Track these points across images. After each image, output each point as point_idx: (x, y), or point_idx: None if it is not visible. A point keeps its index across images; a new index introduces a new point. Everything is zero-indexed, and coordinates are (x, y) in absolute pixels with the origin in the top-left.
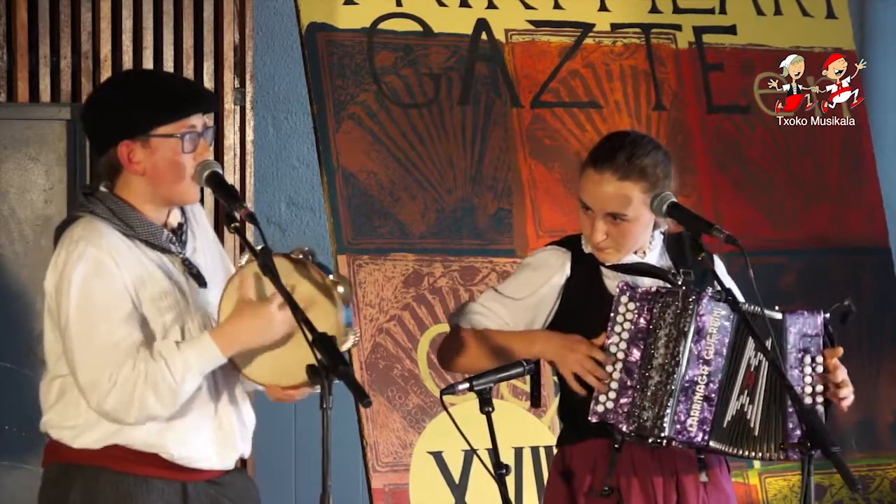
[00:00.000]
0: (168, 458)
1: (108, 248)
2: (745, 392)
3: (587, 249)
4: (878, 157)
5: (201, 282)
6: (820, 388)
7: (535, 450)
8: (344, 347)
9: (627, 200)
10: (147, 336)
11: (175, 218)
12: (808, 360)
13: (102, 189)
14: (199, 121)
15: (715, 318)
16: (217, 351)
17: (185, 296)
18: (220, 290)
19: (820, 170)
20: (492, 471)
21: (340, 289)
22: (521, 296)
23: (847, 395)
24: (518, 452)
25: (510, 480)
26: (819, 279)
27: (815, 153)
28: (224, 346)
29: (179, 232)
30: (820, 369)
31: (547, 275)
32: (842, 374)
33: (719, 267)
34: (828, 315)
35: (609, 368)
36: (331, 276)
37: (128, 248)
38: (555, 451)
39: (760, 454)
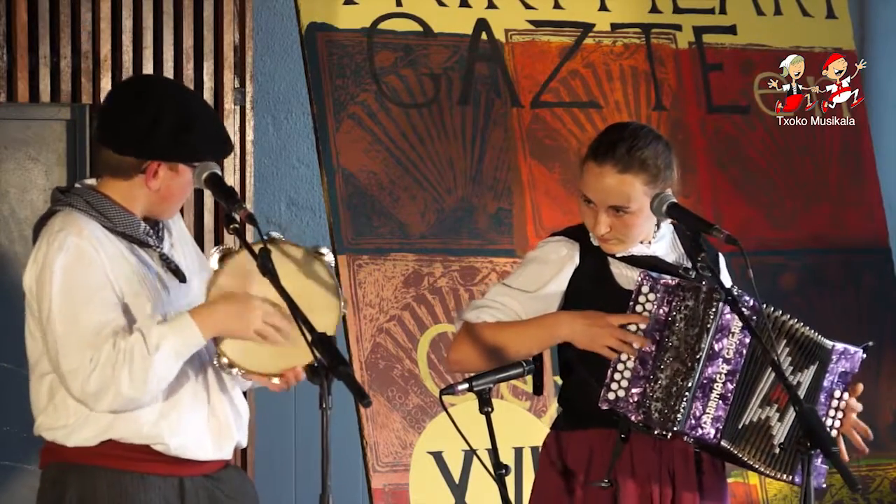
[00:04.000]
0: (164, 450)
1: (88, 237)
2: (774, 405)
3: (595, 241)
4: (878, 157)
5: (181, 277)
6: (838, 422)
7: (535, 450)
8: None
9: (629, 192)
10: (129, 322)
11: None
12: (836, 393)
13: (78, 185)
14: None
15: (738, 318)
16: (194, 327)
17: (166, 288)
18: (201, 287)
19: (820, 170)
20: (492, 471)
21: (326, 257)
22: (533, 288)
23: (857, 433)
24: (518, 452)
25: (510, 480)
26: (819, 279)
27: (815, 153)
28: (201, 323)
29: (156, 228)
30: (843, 404)
31: (557, 266)
32: (856, 410)
33: (721, 265)
34: (864, 356)
35: (624, 356)
36: (320, 249)
37: (108, 239)
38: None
39: (763, 468)
